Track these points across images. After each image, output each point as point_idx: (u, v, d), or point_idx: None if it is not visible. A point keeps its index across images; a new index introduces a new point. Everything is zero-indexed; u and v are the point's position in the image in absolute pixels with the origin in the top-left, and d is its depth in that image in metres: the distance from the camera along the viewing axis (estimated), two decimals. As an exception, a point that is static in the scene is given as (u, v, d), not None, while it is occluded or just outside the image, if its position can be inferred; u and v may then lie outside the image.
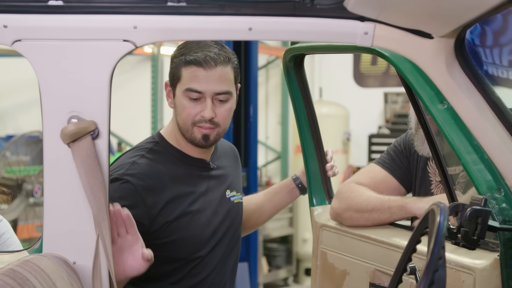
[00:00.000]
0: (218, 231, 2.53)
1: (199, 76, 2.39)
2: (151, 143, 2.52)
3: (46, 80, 1.91)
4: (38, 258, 1.84)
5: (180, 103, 2.43)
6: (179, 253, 2.45)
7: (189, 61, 2.40)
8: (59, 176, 1.93)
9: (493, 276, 1.91)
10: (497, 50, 2.23)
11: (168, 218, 2.40)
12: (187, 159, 2.51)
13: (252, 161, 6.64)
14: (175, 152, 2.50)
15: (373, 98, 9.53)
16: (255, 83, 6.68)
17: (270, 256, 8.46)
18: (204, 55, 2.39)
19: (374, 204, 2.48)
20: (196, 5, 1.89)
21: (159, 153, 2.49)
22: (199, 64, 2.39)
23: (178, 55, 2.44)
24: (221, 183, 2.58)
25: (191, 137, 2.45)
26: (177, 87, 2.44)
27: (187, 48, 2.44)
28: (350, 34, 1.91)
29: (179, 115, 2.45)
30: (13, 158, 7.12)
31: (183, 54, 2.43)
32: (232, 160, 2.73)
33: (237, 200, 2.64)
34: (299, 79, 2.77)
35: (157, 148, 2.50)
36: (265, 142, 9.93)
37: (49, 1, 1.87)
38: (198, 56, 2.39)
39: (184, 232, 2.43)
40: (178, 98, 2.44)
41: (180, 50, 2.46)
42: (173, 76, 2.45)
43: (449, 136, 1.94)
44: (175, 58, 2.46)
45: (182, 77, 2.42)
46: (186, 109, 2.42)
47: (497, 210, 1.87)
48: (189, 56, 2.40)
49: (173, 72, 2.45)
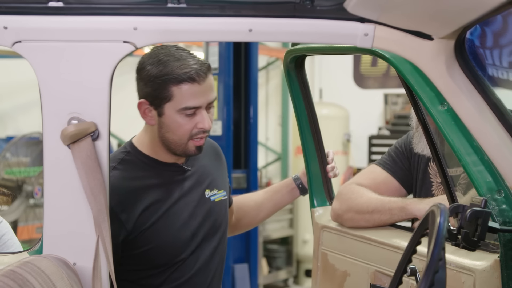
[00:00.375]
0: (199, 233, 2.50)
1: (195, 92, 2.34)
2: (122, 153, 2.48)
3: (46, 81, 1.91)
4: (38, 260, 1.84)
5: (174, 121, 2.36)
6: (158, 260, 2.43)
7: (181, 79, 2.32)
8: (59, 177, 1.93)
9: (493, 277, 1.91)
10: (497, 52, 2.23)
11: (143, 226, 2.38)
12: (159, 165, 2.47)
13: (252, 162, 6.63)
14: (147, 160, 2.47)
15: (373, 99, 9.53)
16: (255, 84, 6.68)
17: (270, 257, 8.46)
18: (194, 70, 2.33)
19: (375, 205, 2.47)
20: (196, 7, 1.89)
21: (130, 163, 2.44)
22: (193, 80, 2.33)
23: (160, 74, 2.33)
24: (199, 184, 2.55)
25: (184, 150, 2.42)
26: (166, 106, 2.35)
27: (165, 65, 2.33)
28: (350, 36, 1.91)
29: (173, 132, 2.39)
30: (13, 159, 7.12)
31: (168, 73, 2.32)
32: (212, 158, 2.69)
33: (218, 199, 2.61)
34: (300, 80, 2.77)
35: (128, 158, 2.46)
36: (265, 143, 9.93)
37: (50, 3, 1.87)
38: (188, 72, 2.32)
39: (160, 239, 2.41)
40: (170, 117, 2.36)
41: (158, 67, 2.34)
42: (158, 96, 2.35)
43: (449, 137, 1.94)
44: (156, 79, 2.33)
45: (174, 96, 2.33)
46: (182, 126, 2.37)
47: (497, 211, 1.86)
48: (177, 74, 2.32)
49: (158, 93, 2.34)
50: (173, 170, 2.50)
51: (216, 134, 6.20)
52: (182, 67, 2.33)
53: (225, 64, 6.20)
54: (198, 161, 2.59)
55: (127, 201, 2.37)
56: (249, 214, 2.92)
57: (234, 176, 6.42)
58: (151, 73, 2.35)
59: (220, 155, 2.76)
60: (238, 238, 6.36)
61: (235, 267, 6.38)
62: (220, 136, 6.17)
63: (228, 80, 6.22)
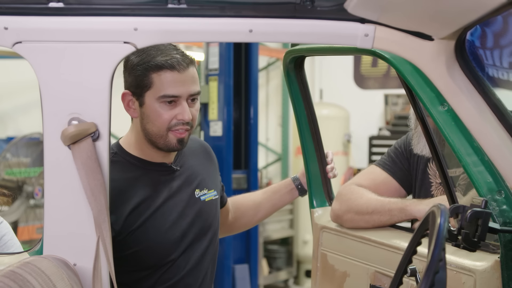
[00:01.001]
0: (189, 233, 2.49)
1: (174, 79, 2.33)
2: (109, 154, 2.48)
3: (47, 82, 1.91)
4: (38, 260, 1.84)
5: (154, 110, 2.36)
6: (148, 260, 2.42)
7: (160, 65, 2.32)
8: (59, 178, 1.93)
9: (493, 278, 1.91)
10: (498, 52, 2.23)
11: (132, 227, 2.37)
12: (147, 165, 2.46)
13: (252, 162, 6.63)
14: (134, 160, 2.45)
15: (373, 100, 9.53)
16: (256, 84, 6.68)
17: (271, 257, 8.46)
18: (175, 58, 2.34)
19: (375, 206, 2.47)
20: (196, 7, 1.89)
21: (117, 164, 2.42)
22: (172, 67, 2.33)
23: (142, 62, 2.34)
24: (188, 183, 2.54)
25: (165, 143, 2.40)
26: (147, 95, 2.35)
27: (148, 54, 2.35)
28: (350, 36, 1.91)
29: (152, 122, 2.37)
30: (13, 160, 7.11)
31: (149, 60, 2.33)
32: (202, 157, 2.67)
33: (209, 198, 2.59)
34: (300, 81, 2.77)
35: (115, 159, 2.43)
36: (266, 144, 9.93)
37: (50, 3, 1.87)
38: (169, 60, 2.33)
39: (150, 239, 2.40)
40: (149, 106, 2.36)
41: (141, 56, 2.35)
42: (139, 84, 2.35)
43: (449, 138, 1.94)
44: (138, 66, 2.34)
45: (153, 83, 2.33)
46: (161, 115, 2.36)
47: (497, 212, 1.86)
48: (158, 61, 2.33)
49: (139, 80, 2.35)
50: (161, 169, 2.48)
51: (217, 135, 6.20)
52: (163, 55, 2.34)
53: (226, 65, 6.20)
54: (187, 161, 2.58)
55: (114, 202, 2.34)
56: (247, 213, 2.91)
57: (235, 176, 6.42)
58: (133, 62, 2.36)
59: (211, 154, 2.73)
60: (238, 239, 6.36)
61: (235, 267, 6.38)
62: (220, 136, 6.17)
63: (228, 81, 6.22)
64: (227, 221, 2.88)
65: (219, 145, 6.16)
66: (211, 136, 6.19)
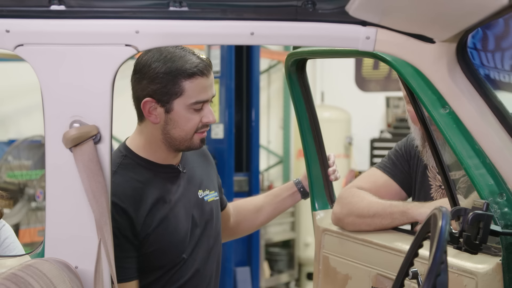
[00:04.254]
0: (195, 234, 2.51)
1: (205, 85, 2.38)
2: (120, 157, 2.46)
3: (48, 84, 1.91)
4: (40, 263, 1.84)
5: (183, 116, 2.38)
6: (161, 261, 2.43)
7: (192, 73, 2.35)
8: (61, 180, 1.93)
9: (495, 280, 1.90)
10: (499, 55, 2.23)
11: (148, 230, 2.39)
12: (156, 167, 2.47)
13: (254, 165, 6.64)
14: (144, 163, 2.46)
15: (375, 103, 9.53)
16: (257, 87, 6.68)
17: (272, 260, 8.46)
18: (201, 63, 2.37)
19: (376, 209, 2.47)
20: (198, 10, 1.89)
21: (129, 167, 2.44)
22: (202, 73, 2.37)
23: (169, 70, 2.34)
24: (193, 185, 2.56)
25: (189, 144, 2.43)
26: (176, 102, 2.36)
27: (173, 61, 2.35)
28: (352, 39, 1.91)
29: (181, 127, 2.39)
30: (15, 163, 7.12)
31: (176, 68, 2.34)
32: (200, 158, 2.68)
33: (211, 199, 2.61)
34: (301, 84, 2.77)
35: (126, 161, 2.45)
36: (267, 146, 9.93)
37: (51, 6, 1.87)
38: (198, 66, 2.36)
39: (163, 241, 2.42)
40: (178, 112, 2.37)
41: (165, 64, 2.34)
42: (167, 92, 2.35)
43: (451, 141, 1.93)
44: (166, 75, 2.34)
45: (185, 90, 2.35)
46: (191, 120, 2.38)
47: (499, 214, 1.86)
48: (189, 68, 2.34)
49: (168, 88, 2.35)
50: (169, 171, 2.50)
51: (218, 137, 6.21)
52: (190, 62, 2.36)
53: (227, 67, 6.21)
54: (188, 162, 2.59)
55: (133, 201, 2.37)
56: (249, 217, 2.92)
57: (236, 179, 6.42)
58: (159, 70, 2.35)
59: (208, 156, 2.75)
60: (240, 242, 6.36)
61: (237, 270, 6.38)
62: (222, 139, 6.17)
63: (230, 83, 6.23)
64: (228, 225, 2.88)
65: (220, 147, 6.16)
66: (212, 139, 6.19)
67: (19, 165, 7.09)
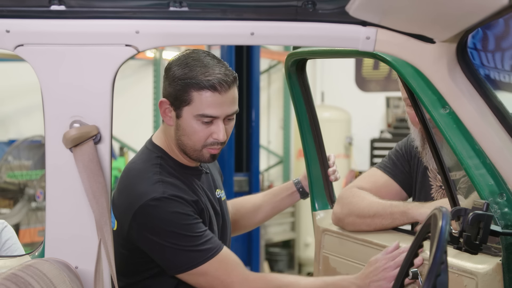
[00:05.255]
0: (219, 230, 2.54)
1: (215, 101, 2.32)
2: (157, 158, 2.45)
3: (49, 84, 1.91)
4: (40, 263, 1.84)
5: (190, 125, 2.36)
6: None
7: (203, 86, 2.31)
8: (61, 180, 1.93)
9: (495, 280, 1.90)
10: (499, 55, 2.23)
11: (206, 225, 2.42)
12: (186, 169, 2.48)
13: (254, 165, 6.65)
14: (176, 165, 2.46)
15: (375, 103, 9.54)
16: (257, 87, 6.69)
17: (272, 260, 8.46)
18: (217, 79, 2.31)
19: (376, 209, 2.47)
20: (198, 10, 1.89)
21: (168, 169, 2.43)
22: (214, 88, 2.31)
23: (185, 77, 2.32)
24: (212, 185, 2.58)
25: (198, 156, 2.41)
26: (185, 109, 2.35)
27: (191, 68, 2.33)
28: (352, 39, 1.91)
29: (188, 137, 2.38)
30: (15, 163, 7.13)
31: (192, 77, 2.32)
32: None
33: (223, 197, 2.64)
34: (301, 84, 2.77)
35: (163, 163, 2.44)
36: (267, 147, 9.94)
37: (52, 6, 1.87)
38: (211, 80, 2.31)
39: None
40: (187, 121, 2.36)
41: (183, 70, 2.34)
42: (179, 98, 2.34)
43: (451, 141, 1.93)
44: (180, 80, 2.33)
45: (193, 101, 2.32)
46: (197, 132, 2.36)
47: (499, 214, 1.86)
48: (200, 80, 2.31)
49: (179, 94, 2.34)
50: (196, 173, 2.51)
51: (218, 137, 6.20)
52: (207, 74, 2.32)
53: (227, 68, 6.20)
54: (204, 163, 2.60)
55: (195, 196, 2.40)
56: (247, 216, 2.92)
57: (236, 179, 6.43)
58: (175, 74, 2.35)
59: None
60: (240, 241, 6.37)
61: (237, 270, 6.36)
62: (222, 139, 6.17)
63: (230, 83, 6.22)
64: None
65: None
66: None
67: (19, 165, 7.10)
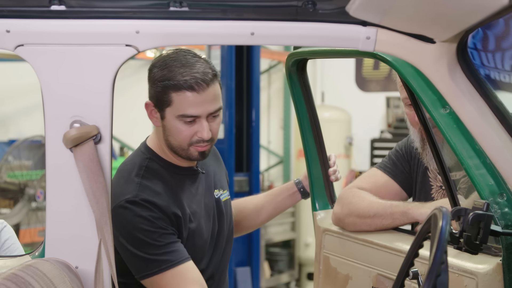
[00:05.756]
0: (214, 233, 2.53)
1: (193, 101, 2.32)
2: (144, 159, 2.45)
3: (49, 84, 1.91)
4: (40, 263, 1.84)
5: (173, 126, 2.36)
6: None
7: (179, 86, 2.30)
8: (61, 180, 1.93)
9: (495, 280, 1.90)
10: (499, 55, 2.23)
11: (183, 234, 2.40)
12: (178, 170, 2.47)
13: (254, 165, 6.64)
14: (167, 166, 2.46)
15: (375, 103, 9.53)
16: (257, 87, 6.69)
17: (272, 260, 8.45)
18: (194, 78, 2.30)
19: (376, 209, 2.47)
20: (198, 10, 1.89)
21: (155, 171, 2.43)
22: (192, 88, 2.31)
23: (163, 79, 2.33)
24: (209, 185, 2.57)
25: (187, 155, 2.41)
26: (167, 111, 2.35)
27: (170, 70, 2.32)
28: (352, 39, 1.91)
29: (173, 137, 2.39)
30: (15, 163, 7.13)
31: (169, 78, 2.31)
32: (213, 158, 2.69)
33: (225, 198, 2.63)
34: (302, 84, 2.77)
35: (151, 164, 2.44)
36: (267, 147, 9.93)
37: (52, 6, 1.88)
38: (188, 80, 2.30)
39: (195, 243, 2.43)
40: (170, 122, 2.36)
41: (162, 71, 2.34)
42: (160, 100, 2.35)
43: (451, 141, 1.93)
44: (159, 82, 2.34)
45: (173, 102, 2.33)
46: (181, 132, 2.36)
47: (499, 214, 1.86)
48: (177, 81, 2.30)
49: (160, 97, 2.35)
50: (190, 174, 2.51)
51: (219, 137, 6.18)
52: (184, 74, 2.31)
53: (227, 68, 6.21)
54: (204, 163, 2.60)
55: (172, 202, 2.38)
56: (249, 217, 2.92)
57: (236, 179, 6.43)
58: (155, 76, 2.36)
59: (219, 157, 2.78)
60: (240, 241, 6.37)
61: (237, 270, 6.38)
62: (222, 139, 6.18)
63: (230, 84, 6.23)
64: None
65: (221, 147, 6.11)
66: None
67: (19, 165, 7.10)
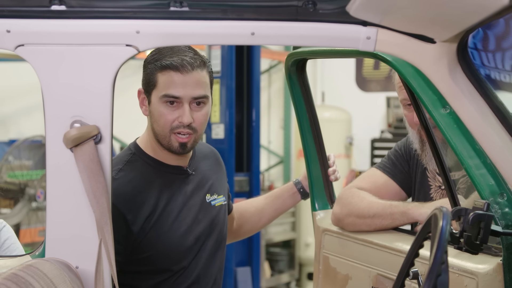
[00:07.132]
0: (200, 238, 2.51)
1: (176, 81, 2.35)
2: (128, 155, 2.48)
3: (49, 84, 1.91)
4: (40, 263, 1.84)
5: (157, 109, 2.38)
6: (162, 265, 2.43)
7: (165, 66, 2.36)
8: (61, 180, 1.93)
9: (496, 280, 1.90)
10: (500, 55, 2.23)
11: (149, 230, 2.38)
12: (164, 167, 2.47)
13: (254, 165, 6.64)
14: (152, 162, 2.47)
15: (375, 103, 9.53)
16: (258, 87, 6.68)
17: (273, 260, 8.45)
18: (180, 59, 2.36)
19: (376, 210, 2.47)
20: (198, 10, 1.89)
21: (136, 165, 2.44)
22: (176, 68, 2.35)
23: (152, 61, 2.39)
24: (200, 188, 2.55)
25: (168, 145, 2.42)
26: (153, 94, 2.39)
27: (160, 53, 2.39)
28: (352, 39, 1.91)
29: (156, 122, 2.40)
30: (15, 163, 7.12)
31: (158, 59, 2.38)
32: (212, 162, 2.69)
33: (218, 203, 2.61)
34: (301, 84, 2.77)
35: (133, 159, 2.46)
36: (268, 147, 9.93)
37: (52, 6, 1.87)
38: (174, 61, 2.35)
39: (165, 243, 2.41)
40: (154, 105, 2.39)
41: (153, 55, 2.41)
42: (148, 82, 2.40)
43: (451, 141, 1.93)
44: (149, 64, 2.40)
45: (158, 83, 2.37)
46: (163, 115, 2.38)
47: (499, 214, 1.86)
48: (164, 61, 2.36)
49: (148, 78, 2.40)
50: (177, 173, 2.50)
51: (219, 137, 6.21)
52: (173, 56, 2.37)
53: (228, 68, 6.21)
54: (199, 165, 2.59)
55: (133, 203, 2.37)
56: (251, 220, 2.92)
57: (237, 179, 6.42)
58: (146, 60, 2.43)
59: (220, 161, 2.76)
60: (240, 242, 6.34)
61: (237, 270, 6.38)
62: (222, 139, 6.18)
63: (230, 84, 6.23)
64: (232, 228, 2.89)
65: (221, 147, 6.16)
66: (213, 139, 6.19)
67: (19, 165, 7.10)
